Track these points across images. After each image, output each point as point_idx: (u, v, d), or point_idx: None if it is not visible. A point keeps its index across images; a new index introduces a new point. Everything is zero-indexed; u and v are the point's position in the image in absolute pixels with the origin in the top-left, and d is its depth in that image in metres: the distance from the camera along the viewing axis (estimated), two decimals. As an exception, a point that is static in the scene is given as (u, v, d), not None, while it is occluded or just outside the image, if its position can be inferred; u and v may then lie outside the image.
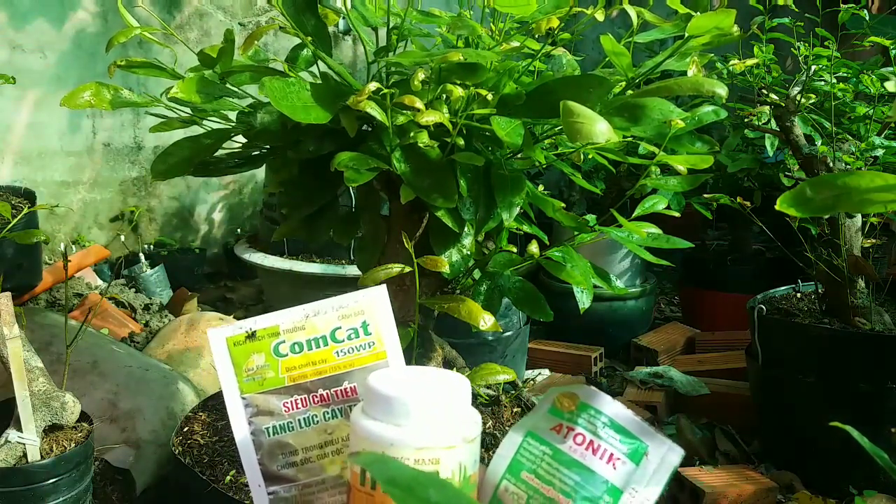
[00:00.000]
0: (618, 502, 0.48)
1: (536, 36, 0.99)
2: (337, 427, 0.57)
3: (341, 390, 0.57)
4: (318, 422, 0.57)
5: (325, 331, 0.57)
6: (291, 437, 0.57)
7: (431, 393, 0.49)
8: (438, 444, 0.47)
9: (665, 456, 0.49)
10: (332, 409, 0.57)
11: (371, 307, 0.58)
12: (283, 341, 0.57)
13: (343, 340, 0.58)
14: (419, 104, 0.89)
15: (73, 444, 1.14)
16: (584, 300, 1.14)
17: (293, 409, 0.57)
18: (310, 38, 1.02)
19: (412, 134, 0.95)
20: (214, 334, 0.57)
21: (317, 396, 0.57)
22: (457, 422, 0.48)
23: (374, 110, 0.91)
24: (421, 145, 0.95)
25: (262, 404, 0.57)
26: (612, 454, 0.49)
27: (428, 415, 0.47)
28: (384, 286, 0.59)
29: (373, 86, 0.90)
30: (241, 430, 0.57)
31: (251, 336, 0.57)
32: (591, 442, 0.49)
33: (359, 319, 0.58)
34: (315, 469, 0.57)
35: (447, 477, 0.47)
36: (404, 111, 0.94)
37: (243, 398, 0.57)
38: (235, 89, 1.09)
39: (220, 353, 0.56)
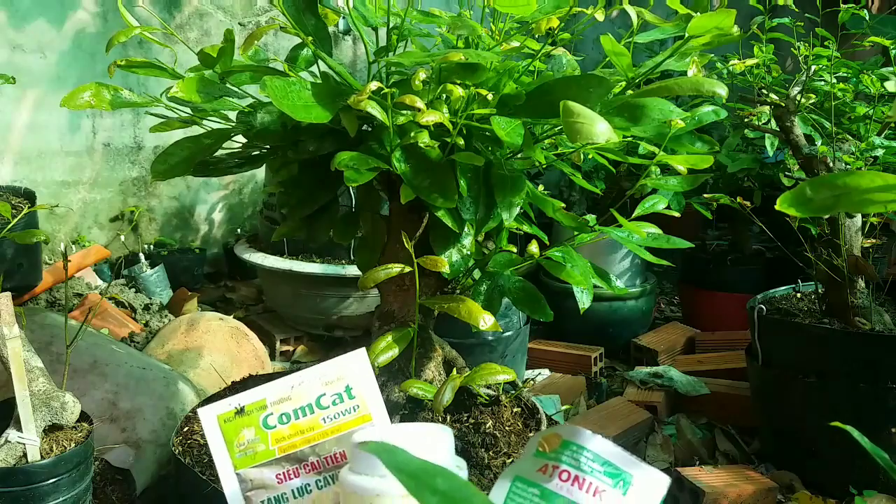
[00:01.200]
0: None
1: (536, 36, 0.99)
2: (327, 496, 0.58)
3: (331, 457, 0.59)
4: (310, 490, 0.58)
5: (310, 399, 0.59)
6: None
7: (412, 444, 0.50)
8: None
9: (651, 485, 0.51)
10: (323, 476, 0.58)
11: (352, 371, 0.60)
12: (271, 413, 0.58)
13: (328, 406, 0.59)
14: (420, 104, 0.89)
15: (73, 444, 1.14)
16: (584, 300, 1.14)
17: (286, 479, 0.58)
18: (310, 38, 1.03)
19: (412, 134, 0.95)
20: (205, 413, 0.58)
21: (308, 465, 0.58)
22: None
23: (374, 109, 0.91)
24: (421, 145, 0.95)
25: (255, 478, 0.58)
26: (597, 487, 0.50)
27: None
28: (363, 349, 0.61)
29: (374, 85, 0.90)
30: None
31: (240, 411, 0.58)
32: (577, 477, 0.51)
33: (342, 384, 0.59)
34: None
35: None
36: (404, 111, 0.94)
37: (237, 474, 0.58)
38: (235, 89, 1.09)
39: (212, 431, 0.58)
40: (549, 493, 0.50)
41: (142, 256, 2.81)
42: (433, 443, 0.51)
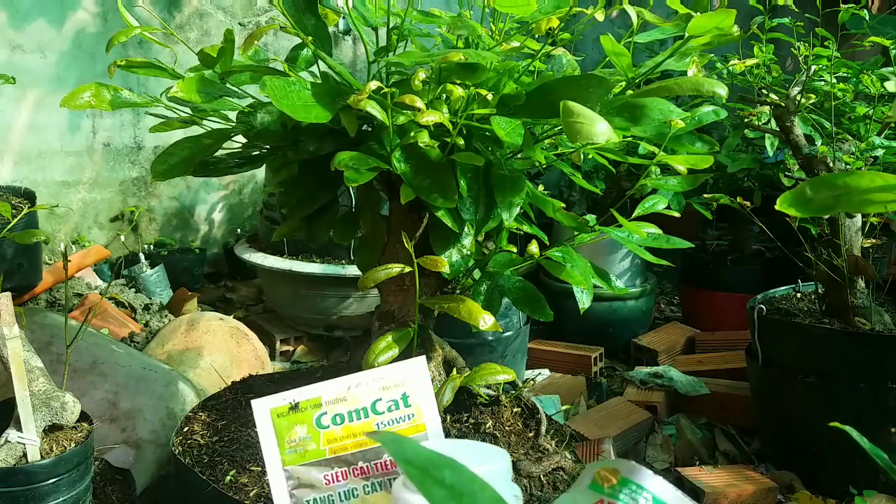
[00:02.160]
0: None
1: (536, 36, 0.99)
2: (376, 501, 0.57)
3: (381, 463, 0.58)
4: (357, 495, 0.57)
5: (366, 402, 0.58)
6: None
7: (473, 465, 0.49)
8: None
9: None
10: (371, 482, 0.57)
11: (411, 379, 0.59)
12: (325, 413, 0.57)
13: (383, 412, 0.58)
14: (420, 103, 0.89)
15: (73, 444, 1.14)
16: (584, 300, 1.14)
17: (333, 481, 0.57)
18: (310, 39, 1.03)
19: (412, 133, 0.95)
20: (259, 406, 0.57)
21: (357, 469, 0.57)
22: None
23: (374, 109, 0.91)
24: (421, 145, 0.95)
25: (303, 476, 0.57)
26: None
27: None
28: (423, 358, 0.60)
29: (373, 84, 0.90)
30: (282, 502, 0.57)
31: (294, 407, 0.57)
32: None
33: (399, 391, 0.59)
34: None
35: None
36: (404, 111, 0.94)
37: (285, 470, 0.57)
38: (235, 89, 1.09)
39: (265, 425, 0.57)
40: None
41: (142, 256, 2.81)
42: (492, 464, 0.49)
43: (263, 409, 0.57)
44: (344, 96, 0.96)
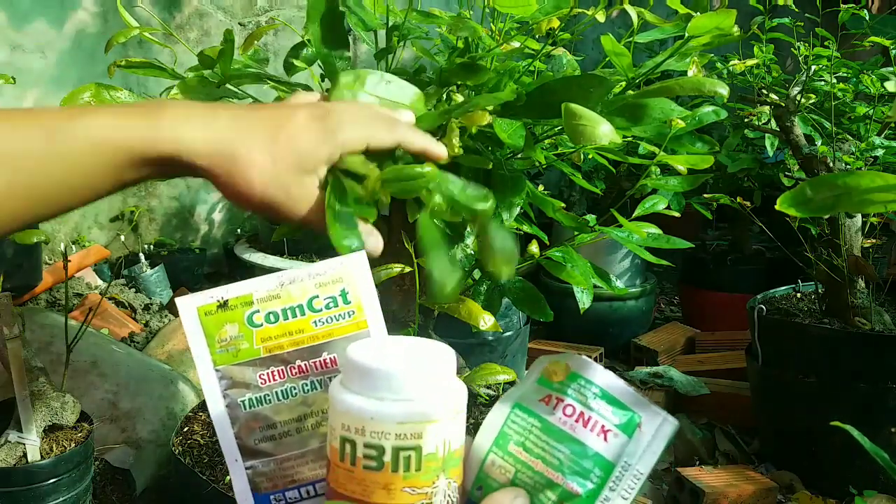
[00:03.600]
0: (609, 476, 0.46)
1: (536, 36, 0.99)
2: (316, 399, 0.54)
3: (320, 361, 0.55)
4: (296, 394, 0.54)
5: (301, 300, 0.54)
6: (268, 409, 0.54)
7: (414, 364, 0.46)
8: (423, 418, 0.45)
9: (659, 427, 0.48)
10: (310, 380, 0.54)
11: (350, 274, 0.55)
12: (258, 311, 0.54)
13: (321, 310, 0.54)
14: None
15: (73, 444, 1.14)
16: (584, 300, 1.14)
17: (270, 380, 0.54)
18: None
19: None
20: (184, 303, 0.54)
21: (294, 368, 0.54)
22: (441, 394, 0.46)
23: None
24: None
25: (237, 376, 0.54)
26: (603, 426, 0.47)
27: (411, 388, 0.45)
28: (364, 252, 0.57)
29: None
30: (215, 403, 0.54)
31: (223, 305, 0.54)
32: (582, 413, 0.47)
33: (337, 287, 0.55)
34: (294, 443, 0.55)
35: (430, 452, 0.45)
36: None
37: (217, 370, 0.54)
38: (235, 89, 1.09)
39: (191, 324, 0.53)
40: (551, 427, 0.47)
41: (142, 256, 2.81)
42: (435, 361, 0.46)
43: (189, 306, 0.54)
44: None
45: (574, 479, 0.46)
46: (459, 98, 0.92)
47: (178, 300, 0.54)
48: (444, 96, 0.97)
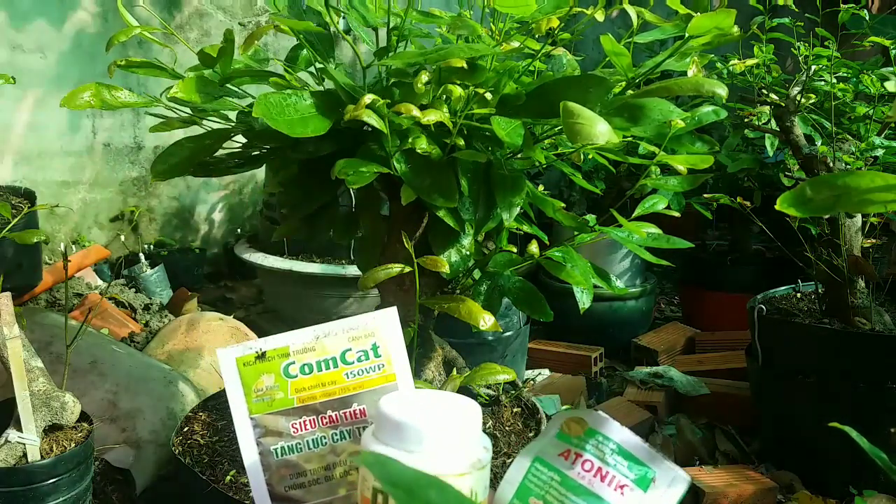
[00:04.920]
0: None
1: (536, 36, 0.99)
2: (345, 449, 0.57)
3: (350, 412, 0.57)
4: (326, 443, 0.57)
5: (335, 352, 0.57)
6: (300, 457, 0.56)
7: (443, 419, 0.48)
8: (450, 471, 0.47)
9: (672, 482, 0.49)
10: (340, 430, 0.57)
11: (381, 329, 0.58)
12: (293, 362, 0.56)
13: (353, 362, 0.57)
14: (415, 111, 0.89)
15: (73, 444, 1.14)
16: (584, 300, 1.14)
17: (302, 430, 0.56)
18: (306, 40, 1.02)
19: (411, 140, 0.95)
20: (224, 354, 0.57)
21: (326, 418, 0.57)
22: (468, 448, 0.48)
23: (371, 119, 0.91)
24: (419, 151, 0.95)
25: (270, 425, 0.56)
26: (619, 481, 0.49)
27: (440, 441, 0.47)
28: (395, 308, 0.59)
29: (368, 98, 0.90)
30: (249, 450, 0.56)
31: (261, 356, 0.56)
32: (600, 469, 0.49)
33: (369, 342, 0.58)
34: (323, 490, 0.56)
35: None
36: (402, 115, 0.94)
37: (252, 419, 0.56)
38: (235, 89, 1.09)
39: (230, 374, 0.56)
40: (570, 482, 0.49)
41: (142, 256, 2.81)
42: (463, 416, 0.48)
43: (229, 358, 0.57)
44: (344, 102, 0.96)
45: None
46: (458, 92, 0.92)
47: (218, 351, 0.56)
48: (441, 94, 0.97)
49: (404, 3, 1.07)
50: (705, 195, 1.93)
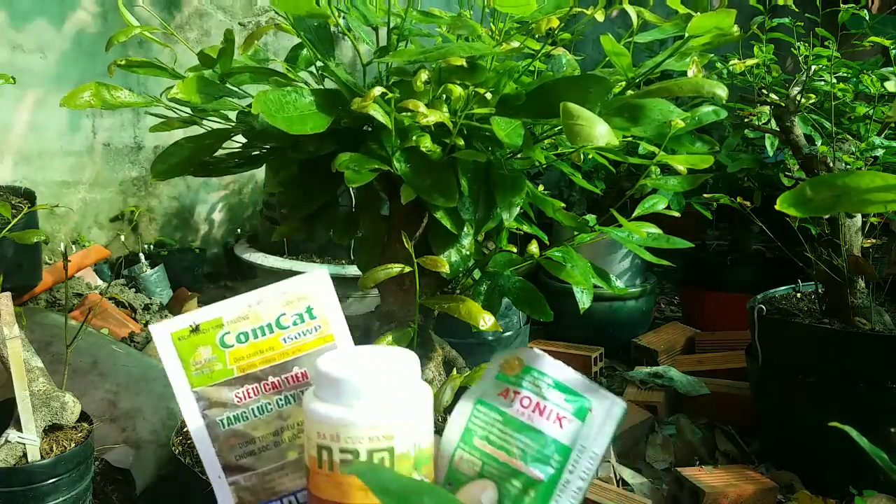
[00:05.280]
0: (567, 460, 0.49)
1: (536, 36, 0.99)
2: (291, 413, 0.57)
3: (292, 376, 0.57)
4: (271, 409, 0.57)
5: (269, 319, 0.57)
6: (246, 426, 0.57)
7: (380, 372, 0.49)
8: (390, 421, 0.47)
9: (609, 410, 0.51)
10: (284, 395, 0.57)
11: (314, 291, 0.58)
12: (228, 332, 0.56)
13: (288, 327, 0.57)
14: (422, 108, 0.89)
15: (73, 444, 1.14)
16: (584, 300, 1.14)
17: (246, 398, 0.57)
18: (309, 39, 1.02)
19: (414, 138, 0.95)
20: (157, 330, 0.57)
21: (268, 384, 0.57)
22: (408, 397, 0.49)
23: (377, 113, 0.91)
24: (423, 149, 0.96)
25: (213, 396, 0.56)
26: (558, 414, 0.50)
27: (378, 393, 0.48)
28: (325, 270, 0.59)
29: (378, 90, 0.90)
30: (195, 424, 0.57)
31: (195, 329, 0.56)
32: (538, 403, 0.51)
33: (303, 304, 0.58)
34: (273, 456, 0.57)
35: (402, 452, 0.48)
36: (406, 112, 0.94)
37: (194, 392, 0.57)
38: (235, 89, 1.09)
39: (166, 349, 0.56)
40: (510, 419, 0.50)
41: (142, 256, 2.81)
42: (399, 367, 0.49)
43: (163, 333, 0.57)
44: (343, 100, 0.96)
45: (536, 465, 0.49)
46: (458, 92, 0.92)
47: (151, 328, 0.57)
48: (441, 93, 0.97)
49: (404, 3, 1.07)
50: (705, 195, 1.93)
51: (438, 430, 0.51)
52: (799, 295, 1.89)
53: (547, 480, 0.49)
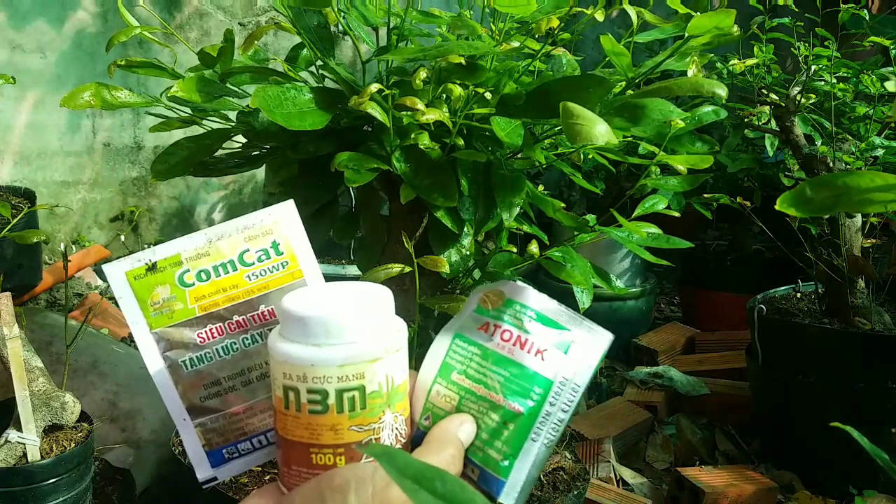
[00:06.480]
0: (549, 392, 0.48)
1: (536, 36, 0.99)
2: (258, 352, 0.55)
3: (258, 315, 0.54)
4: (237, 349, 0.54)
5: (231, 255, 0.54)
6: (211, 367, 0.54)
7: (349, 308, 0.47)
8: (361, 358, 0.46)
9: (592, 342, 0.49)
10: (250, 334, 0.54)
11: (280, 225, 0.55)
12: (188, 270, 0.53)
13: (253, 263, 0.54)
14: (420, 105, 0.89)
15: (73, 444, 1.14)
16: (584, 300, 1.14)
17: (209, 338, 0.54)
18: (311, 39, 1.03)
19: (413, 136, 0.95)
20: (111, 269, 0.53)
21: (233, 324, 0.54)
22: (379, 333, 0.47)
23: (375, 111, 0.91)
24: (422, 147, 0.96)
25: (174, 337, 0.53)
26: (539, 346, 0.49)
27: (347, 330, 0.45)
28: (291, 202, 0.56)
29: (374, 87, 0.90)
30: (155, 366, 0.53)
31: (152, 268, 0.53)
32: (519, 337, 0.49)
33: (268, 240, 0.55)
34: (240, 396, 0.54)
35: (374, 390, 0.46)
36: (405, 111, 0.94)
37: (153, 333, 0.53)
38: (235, 89, 1.09)
39: (122, 289, 0.52)
40: (490, 353, 0.49)
41: (142, 256, 2.81)
42: (369, 302, 0.47)
43: (118, 272, 0.54)
44: (344, 99, 0.96)
45: (515, 398, 0.48)
46: (457, 91, 0.92)
47: (104, 267, 0.53)
48: (441, 93, 0.97)
49: (404, 3, 1.07)
50: (705, 195, 1.93)
51: (416, 366, 0.50)
52: (799, 295, 1.89)
53: (527, 413, 0.48)
